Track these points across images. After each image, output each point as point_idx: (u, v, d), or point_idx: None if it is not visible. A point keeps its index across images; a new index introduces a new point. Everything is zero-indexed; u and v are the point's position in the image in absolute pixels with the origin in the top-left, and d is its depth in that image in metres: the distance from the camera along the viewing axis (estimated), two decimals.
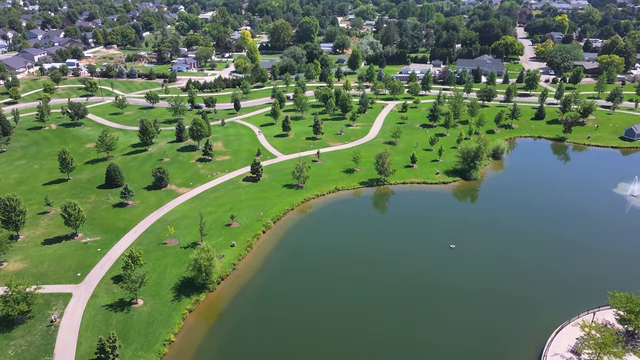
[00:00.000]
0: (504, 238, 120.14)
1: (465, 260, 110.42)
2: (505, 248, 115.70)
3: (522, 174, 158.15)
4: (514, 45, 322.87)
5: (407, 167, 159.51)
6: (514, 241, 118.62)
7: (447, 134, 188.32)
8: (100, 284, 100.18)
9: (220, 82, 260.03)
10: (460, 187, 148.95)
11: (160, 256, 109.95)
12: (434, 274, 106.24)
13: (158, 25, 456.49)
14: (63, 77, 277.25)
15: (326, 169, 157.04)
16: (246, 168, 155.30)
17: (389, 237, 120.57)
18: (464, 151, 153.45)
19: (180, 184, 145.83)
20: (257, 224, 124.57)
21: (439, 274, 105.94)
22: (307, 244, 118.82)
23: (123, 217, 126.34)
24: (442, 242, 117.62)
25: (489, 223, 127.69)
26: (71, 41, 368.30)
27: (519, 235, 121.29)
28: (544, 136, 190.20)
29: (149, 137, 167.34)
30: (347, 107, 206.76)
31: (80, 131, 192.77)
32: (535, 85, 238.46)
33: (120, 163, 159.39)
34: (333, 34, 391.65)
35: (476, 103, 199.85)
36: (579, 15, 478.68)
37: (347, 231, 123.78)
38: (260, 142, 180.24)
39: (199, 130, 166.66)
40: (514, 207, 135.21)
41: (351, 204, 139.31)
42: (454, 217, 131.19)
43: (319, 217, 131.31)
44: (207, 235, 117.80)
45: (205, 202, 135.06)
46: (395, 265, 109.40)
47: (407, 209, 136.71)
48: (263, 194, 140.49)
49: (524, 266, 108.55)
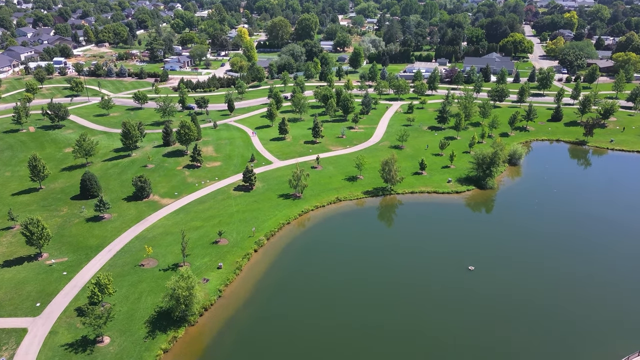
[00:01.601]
0: (531, 257, 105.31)
1: (487, 286, 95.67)
2: (533, 269, 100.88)
3: (543, 182, 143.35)
4: (523, 42, 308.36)
5: (415, 174, 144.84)
6: (544, 261, 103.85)
7: (457, 137, 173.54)
8: (62, 317, 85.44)
9: (214, 82, 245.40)
10: (476, 197, 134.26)
11: (135, 281, 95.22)
12: (453, 305, 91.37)
13: (153, 23, 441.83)
14: (48, 77, 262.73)
15: (326, 177, 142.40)
16: (238, 175, 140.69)
17: (398, 258, 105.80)
18: (478, 157, 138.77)
19: (164, 194, 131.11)
20: (249, 241, 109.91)
21: (458, 305, 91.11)
22: (305, 265, 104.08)
23: (96, 233, 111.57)
24: (459, 263, 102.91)
25: (512, 240, 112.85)
26: (61, 39, 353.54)
27: (548, 253, 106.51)
28: (562, 139, 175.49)
29: (132, 142, 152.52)
30: (349, 108, 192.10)
31: (60, 134, 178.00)
32: (549, 84, 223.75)
33: (100, 170, 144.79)
34: (333, 31, 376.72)
35: (488, 103, 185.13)
36: (586, 12, 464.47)
37: (350, 250, 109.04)
38: (254, 146, 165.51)
39: (187, 133, 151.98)
40: (538, 220, 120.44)
41: (355, 216, 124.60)
42: (471, 232, 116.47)
43: (318, 232, 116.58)
44: (191, 255, 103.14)
45: (191, 215, 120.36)
46: (409, 293, 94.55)
47: (417, 223, 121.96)
48: (256, 205, 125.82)
49: (561, 292, 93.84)
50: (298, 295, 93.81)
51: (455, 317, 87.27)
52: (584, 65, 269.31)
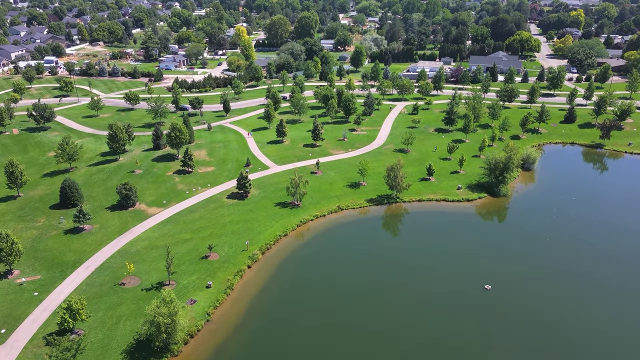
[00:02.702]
0: (554, 276, 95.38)
1: (508, 310, 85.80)
2: (559, 290, 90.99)
3: (559, 189, 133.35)
4: (530, 41, 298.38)
5: (422, 180, 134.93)
6: (571, 279, 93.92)
7: (466, 140, 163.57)
8: (28, 347, 75.54)
9: (210, 81, 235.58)
10: (488, 205, 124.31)
11: (114, 303, 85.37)
12: (469, 332, 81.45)
13: (149, 21, 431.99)
14: (38, 76, 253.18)
15: (327, 183, 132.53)
16: (232, 182, 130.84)
17: (406, 276, 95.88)
18: (490, 162, 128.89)
19: (151, 202, 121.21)
20: (242, 255, 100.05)
21: (475, 333, 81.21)
22: (303, 283, 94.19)
23: (74, 247, 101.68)
24: (474, 281, 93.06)
25: (531, 254, 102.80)
26: (53, 38, 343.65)
27: (575, 270, 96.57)
28: (577, 142, 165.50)
29: (119, 145, 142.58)
30: (351, 108, 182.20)
31: (45, 137, 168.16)
32: (560, 84, 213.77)
33: (83, 176, 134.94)
34: (334, 30, 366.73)
35: (498, 104, 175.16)
36: (592, 10, 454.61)
37: (353, 266, 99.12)
38: (250, 150, 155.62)
39: (178, 136, 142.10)
40: (559, 232, 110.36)
41: (358, 227, 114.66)
42: (485, 245, 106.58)
43: (318, 245, 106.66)
44: (177, 272, 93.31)
45: (180, 227, 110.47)
46: (420, 317, 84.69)
47: (425, 235, 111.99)
48: (251, 215, 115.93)
49: (594, 319, 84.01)
50: (295, 319, 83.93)
51: (473, 346, 77.37)
52: (594, 65, 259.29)
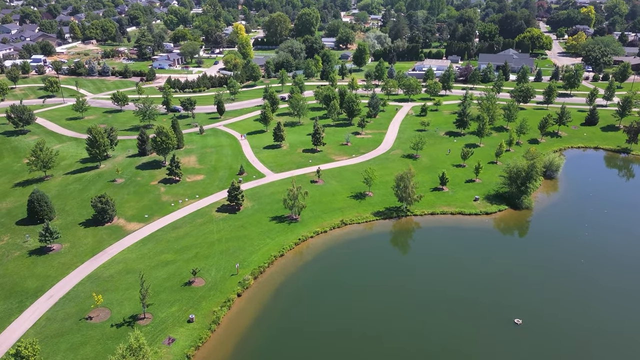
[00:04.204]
0: (597, 309, 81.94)
1: (544, 351, 72.39)
2: (605, 327, 77.59)
3: (587, 199, 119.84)
4: (541, 38, 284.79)
5: (435, 190, 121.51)
6: (619, 314, 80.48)
7: (480, 145, 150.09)
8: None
9: (204, 81, 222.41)
10: (510, 220, 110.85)
11: (77, 343, 72.09)
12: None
13: (145, 19, 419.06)
14: (24, 76, 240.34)
15: (329, 194, 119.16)
16: (223, 192, 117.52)
17: (421, 306, 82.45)
18: (511, 170, 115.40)
19: (131, 216, 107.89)
20: (231, 281, 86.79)
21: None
22: (302, 315, 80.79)
23: (38, 271, 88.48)
24: (500, 313, 79.67)
25: (565, 279, 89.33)
26: (44, 36, 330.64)
27: (623, 303, 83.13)
28: (601, 147, 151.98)
29: (100, 151, 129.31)
30: (354, 110, 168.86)
31: (23, 141, 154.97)
32: (577, 83, 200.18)
33: (58, 186, 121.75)
34: (335, 28, 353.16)
35: (514, 105, 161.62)
36: (602, 8, 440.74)
37: (359, 293, 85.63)
38: (245, 155, 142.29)
39: (165, 141, 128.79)
40: (594, 252, 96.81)
41: (364, 245, 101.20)
42: (510, 267, 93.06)
43: (319, 268, 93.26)
44: (155, 303, 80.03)
45: (162, 246, 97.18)
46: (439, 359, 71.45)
47: (441, 255, 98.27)
48: (243, 231, 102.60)
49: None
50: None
51: None
52: (610, 63, 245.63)
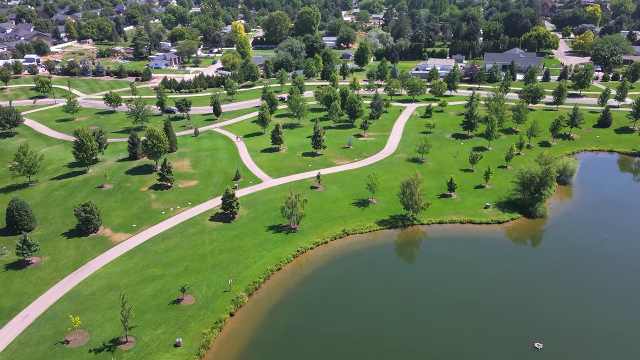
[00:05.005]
0: (622, 331, 74.76)
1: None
2: (632, 351, 70.45)
3: (605, 207, 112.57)
4: (548, 37, 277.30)
5: (442, 196, 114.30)
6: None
7: (489, 148, 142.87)
8: None
9: (201, 81, 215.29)
10: (523, 229, 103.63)
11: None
12: None
13: (143, 18, 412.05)
14: (16, 76, 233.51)
15: (330, 201, 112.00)
16: (218, 199, 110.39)
17: (429, 326, 75.31)
18: (525, 175, 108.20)
19: (118, 226, 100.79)
20: (223, 298, 79.72)
21: None
22: (301, 337, 73.61)
23: (14, 287, 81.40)
24: (518, 336, 72.47)
25: (588, 296, 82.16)
26: (39, 35, 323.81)
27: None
28: (616, 150, 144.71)
29: (87, 155, 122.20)
30: (357, 111, 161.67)
31: (10, 144, 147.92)
32: (587, 83, 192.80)
33: (42, 192, 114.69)
34: (336, 27, 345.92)
35: (524, 106, 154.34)
36: (607, 6, 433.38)
37: (363, 312, 78.46)
38: (241, 159, 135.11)
39: (156, 145, 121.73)
40: (616, 265, 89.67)
41: (367, 258, 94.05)
42: (526, 282, 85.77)
43: (319, 283, 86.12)
44: (139, 325, 72.92)
45: (149, 259, 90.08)
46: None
47: (450, 268, 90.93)
48: (237, 242, 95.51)
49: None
50: None
51: None
52: (620, 62, 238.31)
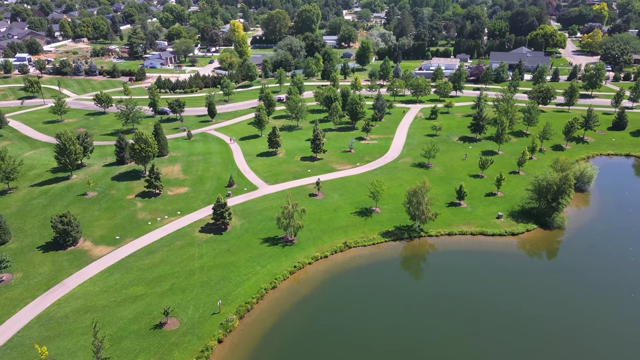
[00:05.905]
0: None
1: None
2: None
3: (626, 216, 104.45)
4: (555, 35, 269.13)
5: (451, 205, 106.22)
6: None
7: (499, 152, 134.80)
8: None
9: (197, 81, 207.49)
10: (540, 242, 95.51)
11: None
12: None
13: (140, 17, 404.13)
14: (5, 75, 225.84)
15: (330, 210, 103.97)
16: (209, 208, 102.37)
17: (441, 354, 67.27)
18: (540, 183, 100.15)
19: (100, 238, 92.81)
20: (211, 321, 71.71)
21: None
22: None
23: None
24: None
25: (617, 317, 74.03)
26: (32, 34, 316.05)
27: None
28: (633, 154, 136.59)
29: (70, 160, 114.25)
30: (358, 113, 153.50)
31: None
32: (598, 84, 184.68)
33: (20, 201, 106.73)
34: (337, 25, 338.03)
35: (535, 108, 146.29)
36: (613, 5, 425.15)
37: (366, 337, 70.42)
38: (236, 164, 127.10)
39: (144, 149, 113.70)
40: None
41: (371, 274, 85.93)
42: (546, 302, 77.61)
43: (318, 304, 77.99)
44: (113, 357, 64.91)
45: (132, 276, 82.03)
46: None
47: (462, 286, 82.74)
48: (229, 257, 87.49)
49: None
50: None
51: None
52: (630, 62, 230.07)
